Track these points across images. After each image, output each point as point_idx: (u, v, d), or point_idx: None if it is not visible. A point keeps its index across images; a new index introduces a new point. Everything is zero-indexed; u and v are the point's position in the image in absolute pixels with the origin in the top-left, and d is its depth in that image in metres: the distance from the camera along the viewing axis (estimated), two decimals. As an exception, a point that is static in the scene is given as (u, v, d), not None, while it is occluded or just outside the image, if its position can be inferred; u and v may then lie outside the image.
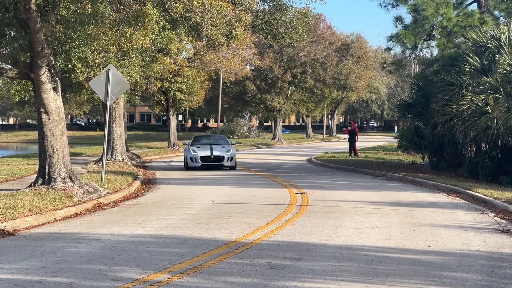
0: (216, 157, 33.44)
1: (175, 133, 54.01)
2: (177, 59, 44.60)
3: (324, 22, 76.47)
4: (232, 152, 33.89)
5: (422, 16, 33.78)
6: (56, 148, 19.23)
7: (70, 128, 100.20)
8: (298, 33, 29.02)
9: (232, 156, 33.55)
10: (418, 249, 12.13)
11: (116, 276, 9.65)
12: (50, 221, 15.45)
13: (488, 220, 16.18)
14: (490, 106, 27.09)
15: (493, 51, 29.11)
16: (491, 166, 27.74)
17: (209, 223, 15.14)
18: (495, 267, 10.66)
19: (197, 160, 33.23)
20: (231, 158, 33.50)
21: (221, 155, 33.45)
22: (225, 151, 33.74)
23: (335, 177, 30.07)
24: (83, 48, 19.26)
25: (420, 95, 33.95)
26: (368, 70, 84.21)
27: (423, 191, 23.64)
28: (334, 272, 10.04)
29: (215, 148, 33.92)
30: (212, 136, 39.68)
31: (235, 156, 33.99)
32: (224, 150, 33.89)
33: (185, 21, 21.18)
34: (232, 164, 33.62)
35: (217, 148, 33.98)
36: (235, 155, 34.08)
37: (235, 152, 34.75)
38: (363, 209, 17.81)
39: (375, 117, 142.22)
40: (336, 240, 12.90)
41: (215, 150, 33.71)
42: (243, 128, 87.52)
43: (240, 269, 10.17)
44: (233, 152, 33.95)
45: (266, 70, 71.14)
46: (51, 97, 19.06)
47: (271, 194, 21.95)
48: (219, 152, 33.62)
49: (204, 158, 33.34)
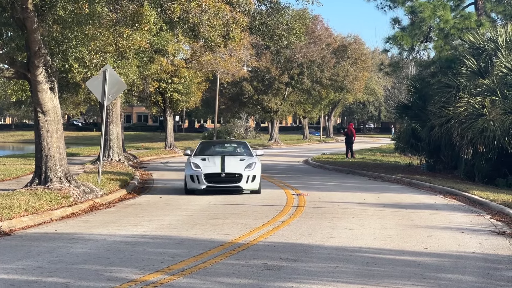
0: (230, 175, 22.33)
1: (172, 134, 54.00)
2: (174, 60, 44.62)
3: (321, 23, 76.46)
4: (256, 167, 22.68)
5: (419, 18, 33.80)
6: (53, 148, 19.21)
7: (66, 128, 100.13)
8: (295, 34, 29.04)
9: (255, 175, 22.40)
10: (414, 250, 12.13)
11: (112, 276, 9.65)
12: (46, 221, 15.44)
13: (484, 222, 16.19)
14: (487, 108, 27.12)
15: (490, 53, 29.14)
16: (487, 168, 27.76)
17: (205, 224, 15.14)
18: (491, 269, 10.67)
19: (200, 179, 22.10)
20: (253, 177, 22.36)
21: (237, 173, 22.30)
22: (245, 166, 22.57)
23: (331, 178, 30.07)
24: (80, 48, 19.25)
25: (417, 97, 33.97)
26: (365, 72, 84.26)
27: (420, 193, 23.65)
28: (330, 274, 10.04)
29: (228, 160, 22.93)
30: (228, 143, 28.19)
31: (259, 174, 22.68)
32: (243, 164, 22.71)
33: (183, 22, 21.16)
34: (255, 187, 22.45)
35: (232, 160, 22.98)
36: (259, 173, 22.73)
37: (260, 166, 23.21)
38: (359, 211, 17.82)
39: (372, 119, 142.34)
40: (332, 242, 12.90)
41: (229, 164, 22.65)
42: (240, 129, 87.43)
43: (236, 270, 10.17)
44: (257, 168, 22.70)
45: (263, 71, 71.14)
46: (48, 97, 19.04)
47: (268, 195, 21.95)
48: (235, 167, 22.51)
49: (210, 177, 22.22)
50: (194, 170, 22.34)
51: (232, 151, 24.93)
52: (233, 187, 22.31)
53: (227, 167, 22.43)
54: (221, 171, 22.31)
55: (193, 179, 22.24)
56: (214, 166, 22.51)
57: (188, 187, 22.44)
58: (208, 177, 22.19)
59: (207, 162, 22.84)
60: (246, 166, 22.56)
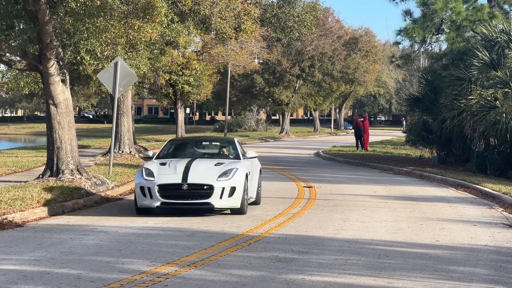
0: (195, 187, 15.30)
1: (182, 126, 53.97)
2: (185, 52, 44.52)
3: (332, 15, 76.28)
4: (237, 175, 15.59)
5: (431, 10, 33.65)
6: (64, 140, 19.24)
7: (78, 121, 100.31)
8: (306, 26, 29.02)
9: (234, 186, 15.37)
10: (426, 243, 12.11)
11: (123, 268, 9.67)
12: (58, 213, 15.48)
13: (496, 215, 16.14)
14: (499, 100, 26.99)
15: (503, 45, 28.99)
16: (499, 161, 27.65)
17: (216, 216, 15.15)
18: (503, 261, 10.64)
19: (152, 193, 15.17)
20: (231, 190, 15.35)
21: (205, 184, 15.28)
22: (219, 174, 15.49)
23: (342, 171, 30.03)
24: (92, 41, 19.26)
25: (428, 89, 33.83)
26: (376, 64, 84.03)
27: (431, 185, 23.59)
28: (342, 266, 10.04)
29: (197, 165, 15.88)
30: (208, 141, 20.25)
31: (241, 185, 15.52)
32: (216, 171, 15.62)
33: (194, 14, 21.18)
34: (234, 204, 15.43)
35: (202, 165, 15.95)
36: (241, 183, 15.56)
37: (255, 173, 17.09)
38: (370, 203, 17.80)
39: (383, 111, 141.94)
40: (344, 234, 12.89)
41: (196, 170, 15.58)
42: (251, 122, 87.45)
43: (247, 262, 10.18)
44: (238, 176, 15.59)
45: (274, 63, 71.03)
46: (60, 89, 19.07)
47: (279, 187, 21.94)
48: (203, 175, 15.48)
49: (167, 190, 15.27)
50: (145, 180, 15.28)
51: (210, 153, 17.83)
52: (199, 205, 15.18)
53: (192, 175, 15.27)
54: (182, 181, 15.14)
55: (144, 192, 15.18)
56: (173, 174, 15.42)
57: (139, 203, 15.31)
58: (164, 189, 15.12)
59: (166, 168, 15.74)
60: (221, 174, 15.31)
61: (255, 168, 17.36)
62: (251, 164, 17.01)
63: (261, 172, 18.18)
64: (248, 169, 16.24)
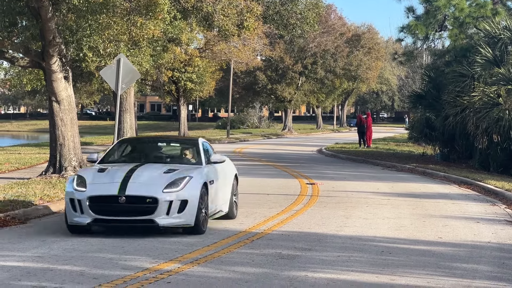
0: (134, 200, 12.24)
1: (185, 123, 54.03)
2: (187, 49, 44.60)
3: (335, 12, 76.23)
4: (192, 185, 12.52)
5: (434, 7, 33.62)
6: (67, 137, 19.27)
7: (80, 118, 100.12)
8: (309, 23, 29.00)
9: (185, 199, 12.29)
10: (429, 240, 12.11)
11: (126, 265, 9.67)
12: (62, 209, 15.46)
13: (499, 212, 16.14)
14: (502, 97, 26.96)
15: (506, 42, 28.95)
16: (502, 158, 27.62)
17: (219, 213, 15.15)
18: (506, 258, 10.63)
19: (82, 206, 12.25)
20: (181, 204, 12.29)
21: (148, 196, 12.24)
22: (167, 184, 12.41)
23: (345, 167, 30.02)
24: (94, 37, 19.29)
25: (431, 86, 33.80)
26: (378, 61, 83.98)
27: (434, 182, 23.58)
28: (345, 263, 10.04)
29: (141, 173, 12.83)
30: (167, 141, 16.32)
31: (196, 197, 12.39)
32: (164, 179, 12.56)
33: (196, 11, 21.17)
34: (187, 221, 12.30)
35: (147, 173, 12.90)
36: (196, 194, 12.42)
37: (205, 182, 12.86)
38: (373, 200, 17.79)
39: (386, 108, 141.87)
40: (347, 231, 12.89)
41: (138, 179, 12.57)
42: (253, 119, 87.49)
43: (250, 259, 10.18)
44: (193, 187, 12.52)
45: (277, 60, 71.02)
46: (62, 86, 19.10)
47: (282, 184, 21.94)
48: (146, 185, 12.48)
49: (100, 203, 12.29)
50: (75, 190, 12.31)
51: (167, 156, 14.54)
52: (140, 223, 12.13)
53: (132, 185, 12.25)
54: (118, 192, 12.13)
55: (74, 205, 12.24)
56: (109, 184, 12.38)
57: (69, 219, 12.32)
58: (96, 203, 12.16)
59: (103, 176, 12.73)
60: (169, 183, 12.22)
61: (224, 175, 14.20)
62: (216, 171, 13.73)
63: (237, 179, 15.24)
64: (209, 176, 13.05)
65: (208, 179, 12.96)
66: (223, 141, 56.30)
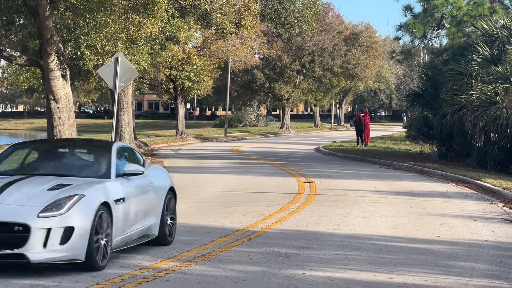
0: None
1: (183, 122, 54.01)
2: (185, 47, 44.52)
3: (332, 11, 76.26)
4: (80, 207, 9.15)
5: (431, 5, 33.63)
6: (65, 135, 19.25)
7: (78, 116, 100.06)
8: (306, 22, 29.00)
9: (71, 226, 8.97)
10: (427, 238, 12.13)
11: (124, 263, 9.67)
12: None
13: (497, 210, 16.16)
14: (500, 96, 26.97)
15: (503, 40, 28.96)
16: (500, 156, 27.64)
17: (216, 212, 15.15)
18: (504, 257, 10.64)
19: None
20: (65, 232, 8.95)
21: (16, 223, 8.88)
22: (45, 206, 9.01)
23: (343, 166, 30.02)
24: (92, 36, 19.26)
25: (428, 84, 33.81)
26: (376, 60, 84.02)
27: (432, 180, 23.60)
28: (342, 261, 10.04)
29: (15, 190, 9.44)
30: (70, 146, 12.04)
31: (91, 224, 9.13)
32: (45, 199, 9.14)
33: (194, 9, 21.17)
34: (73, 255, 8.99)
35: (27, 189, 9.49)
36: (91, 219, 9.15)
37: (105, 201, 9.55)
38: (371, 198, 17.80)
39: (383, 107, 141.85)
40: (344, 229, 12.90)
41: (8, 199, 9.18)
42: (251, 117, 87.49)
43: (248, 257, 10.18)
44: (82, 208, 9.17)
45: (275, 59, 71.02)
46: (60, 84, 19.08)
47: (279, 182, 21.94)
48: (17, 208, 9.04)
49: None
50: None
51: (66, 166, 10.88)
52: (4, 258, 8.88)
53: None
54: None
55: None
56: None
57: None
58: None
59: None
60: (49, 205, 9.11)
61: (146, 189, 10.91)
62: (133, 185, 10.53)
63: (174, 193, 11.92)
64: (115, 194, 9.94)
65: (112, 197, 9.78)
66: (220, 139, 56.32)
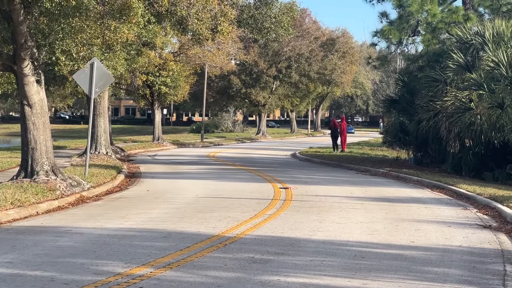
0: None
1: (159, 127, 53.90)
2: (162, 53, 44.48)
3: (309, 17, 76.49)
4: None
5: (407, 12, 33.83)
6: (39, 141, 19.12)
7: (54, 121, 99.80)
8: (283, 27, 29.00)
9: None
10: (401, 244, 12.15)
11: (98, 269, 9.61)
12: (32, 214, 15.37)
13: (470, 216, 16.24)
14: (474, 102, 27.16)
15: (477, 47, 29.19)
16: (474, 162, 27.83)
17: (192, 217, 15.11)
18: (477, 262, 10.69)
19: None
20: None
21: None
22: None
23: (319, 172, 30.07)
24: (67, 41, 19.16)
25: (405, 90, 34.01)
26: (353, 65, 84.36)
27: (407, 186, 23.69)
28: (317, 267, 10.04)
29: None
30: None
31: None
32: None
33: (171, 15, 21.11)
34: None
35: None
36: None
37: None
38: (347, 204, 17.83)
39: (360, 113, 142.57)
40: (320, 235, 12.90)
41: None
42: (227, 123, 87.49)
43: (223, 263, 10.16)
44: None
45: (251, 64, 71.10)
46: (34, 89, 18.94)
47: (255, 188, 21.93)
48: None
49: None
50: None
51: None
52: None
53: None
54: None
55: None
56: None
57: None
58: None
59: None
60: None
61: None
62: None
63: None
64: None
65: None
66: (197, 145, 56.23)
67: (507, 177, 26.06)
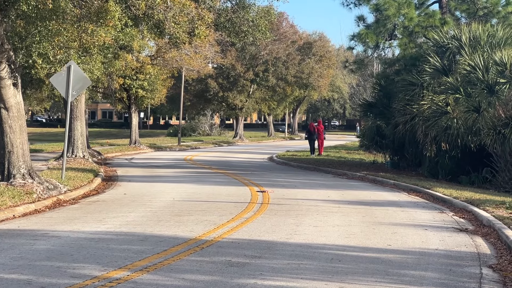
0: None
1: (136, 131, 53.72)
2: (139, 56, 44.33)
3: (286, 20, 76.66)
4: None
5: (384, 16, 33.99)
6: (16, 144, 19.03)
7: (30, 125, 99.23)
8: (260, 31, 29.01)
9: None
10: (378, 247, 12.20)
11: (75, 273, 9.58)
12: (9, 217, 15.28)
13: (447, 219, 16.34)
14: (451, 106, 27.33)
15: (454, 51, 29.39)
16: (450, 166, 28.00)
17: (169, 221, 15.09)
18: (453, 265, 10.77)
19: None
20: None
21: None
22: None
23: (296, 175, 30.12)
24: (44, 44, 19.09)
25: (381, 94, 34.15)
26: (330, 69, 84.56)
27: (384, 190, 23.78)
28: (294, 270, 10.06)
29: None
30: None
31: None
32: None
33: (148, 18, 21.05)
34: None
35: None
36: None
37: None
38: (324, 208, 17.87)
39: (337, 116, 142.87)
40: (297, 238, 12.93)
41: None
42: (204, 126, 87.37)
43: (200, 266, 10.16)
44: None
45: (228, 68, 71.11)
46: (11, 93, 18.85)
47: (232, 192, 21.94)
48: None
49: None
50: None
51: None
52: None
53: None
54: None
55: None
56: None
57: None
58: None
59: None
60: None
61: None
62: None
63: None
64: None
65: None
66: (174, 148, 56.13)
67: (483, 180, 26.25)
